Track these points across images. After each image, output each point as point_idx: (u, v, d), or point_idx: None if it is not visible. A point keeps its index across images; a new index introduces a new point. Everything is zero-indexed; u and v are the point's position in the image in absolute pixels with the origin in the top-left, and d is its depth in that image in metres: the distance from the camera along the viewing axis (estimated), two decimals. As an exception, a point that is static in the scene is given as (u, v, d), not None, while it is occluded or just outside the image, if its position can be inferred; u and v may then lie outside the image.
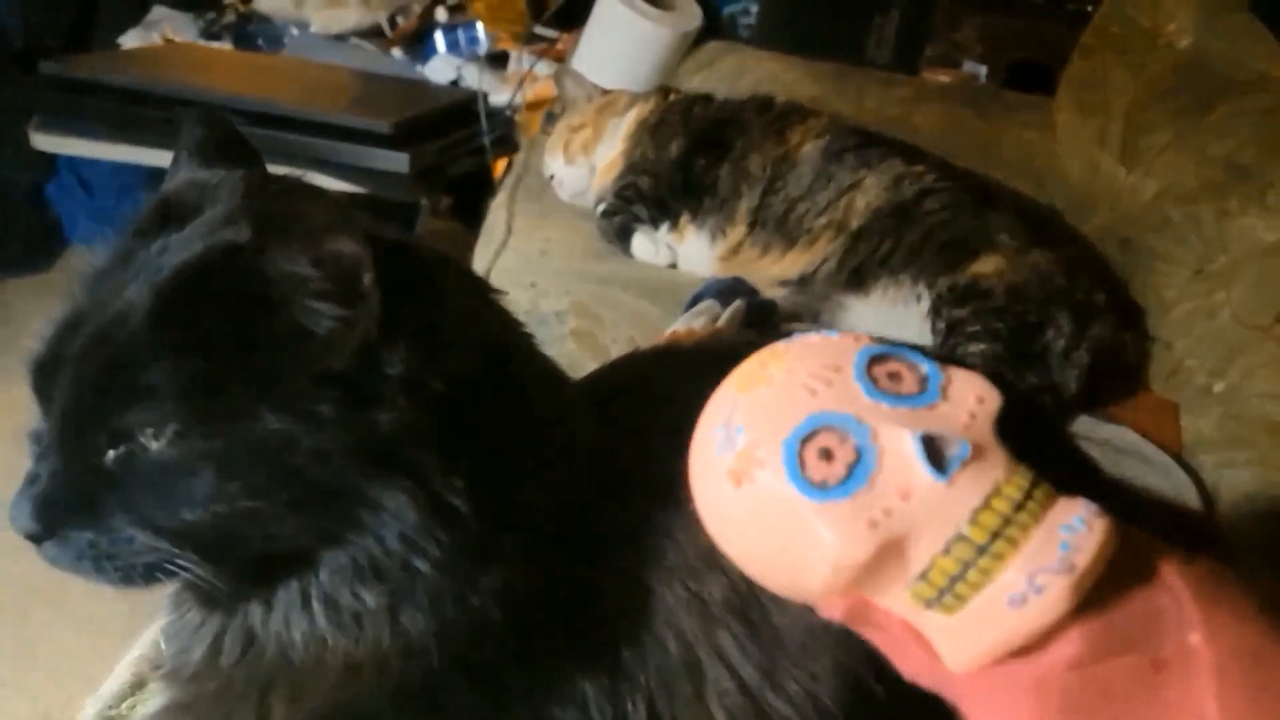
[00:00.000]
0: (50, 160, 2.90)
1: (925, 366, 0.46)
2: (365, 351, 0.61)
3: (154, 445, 0.60)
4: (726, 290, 1.63)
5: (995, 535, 0.42)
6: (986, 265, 1.57)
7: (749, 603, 0.72)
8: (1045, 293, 1.54)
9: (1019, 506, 0.43)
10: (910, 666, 0.46)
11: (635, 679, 0.71)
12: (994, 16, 2.68)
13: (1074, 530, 0.42)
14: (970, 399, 0.45)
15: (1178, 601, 0.44)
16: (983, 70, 2.51)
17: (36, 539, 0.62)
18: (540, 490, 0.68)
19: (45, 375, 0.63)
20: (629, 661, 0.71)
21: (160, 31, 2.60)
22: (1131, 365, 1.66)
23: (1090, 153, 2.01)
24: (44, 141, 2.18)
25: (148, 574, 0.62)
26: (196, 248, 0.62)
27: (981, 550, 0.42)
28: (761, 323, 1.57)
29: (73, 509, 0.61)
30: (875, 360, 0.46)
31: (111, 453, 0.61)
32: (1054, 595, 0.41)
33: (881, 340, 0.48)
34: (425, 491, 0.62)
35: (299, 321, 0.60)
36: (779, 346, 0.47)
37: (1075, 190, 2.02)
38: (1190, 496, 1.35)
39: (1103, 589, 0.43)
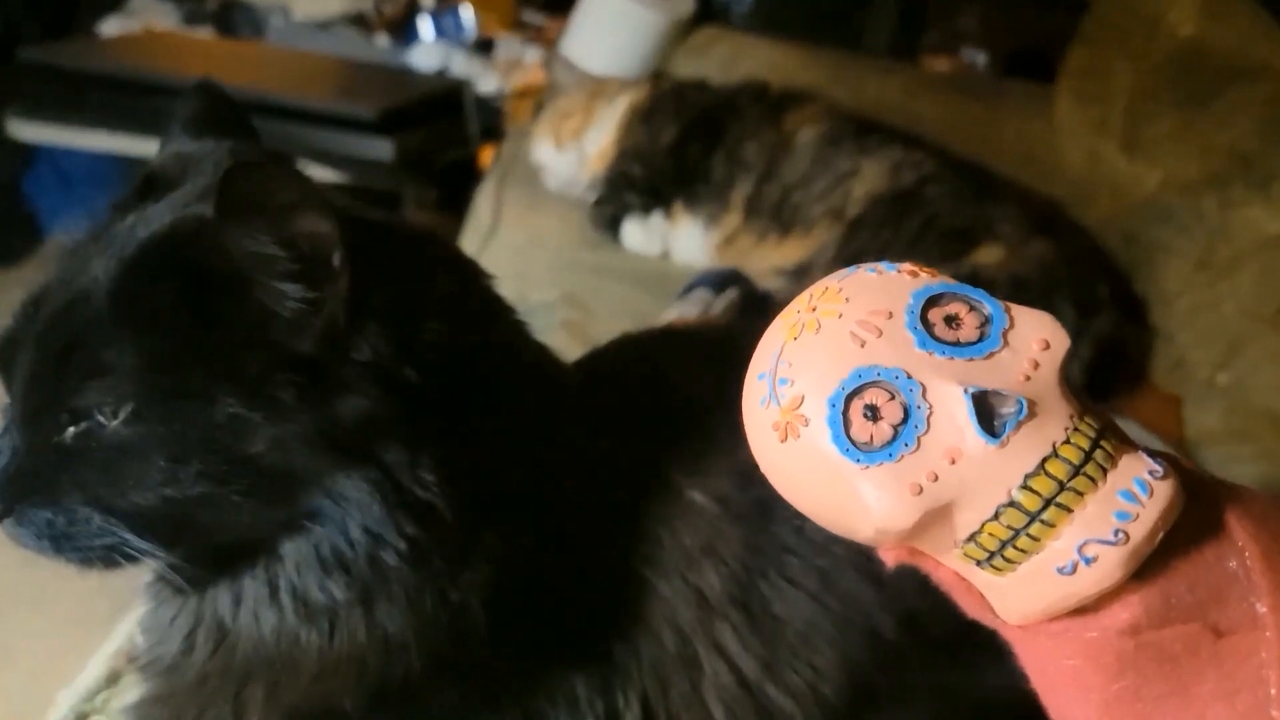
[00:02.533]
0: (27, 152, 2.88)
1: (988, 307, 0.43)
2: (332, 336, 0.59)
3: (111, 424, 0.59)
4: (721, 280, 1.60)
5: (1048, 502, 0.39)
6: (988, 255, 1.55)
7: (749, 592, 0.71)
8: (1047, 284, 1.53)
9: (1075, 470, 0.40)
10: (967, 609, 0.45)
11: (628, 673, 0.70)
12: (994, 4, 2.67)
13: (1133, 497, 0.40)
14: (1034, 345, 0.42)
15: (1245, 565, 0.41)
16: (982, 58, 2.50)
17: None
18: (526, 482, 0.67)
19: (9, 351, 0.62)
20: (621, 656, 0.70)
21: (141, 19, 2.58)
22: (1134, 358, 1.64)
23: (1091, 142, 2.00)
24: (22, 130, 2.16)
25: (106, 557, 0.61)
26: (164, 222, 0.61)
27: (1033, 517, 0.39)
28: (756, 313, 1.54)
29: (32, 487, 0.60)
30: (932, 301, 0.43)
31: (71, 430, 0.60)
32: (1105, 567, 0.39)
33: (941, 276, 0.45)
34: (391, 483, 0.61)
35: (262, 302, 0.59)
36: (832, 284, 0.45)
37: (1076, 180, 2.01)
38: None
39: (1166, 551, 0.41)
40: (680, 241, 1.86)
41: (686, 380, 0.79)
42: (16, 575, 1.85)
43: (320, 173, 1.98)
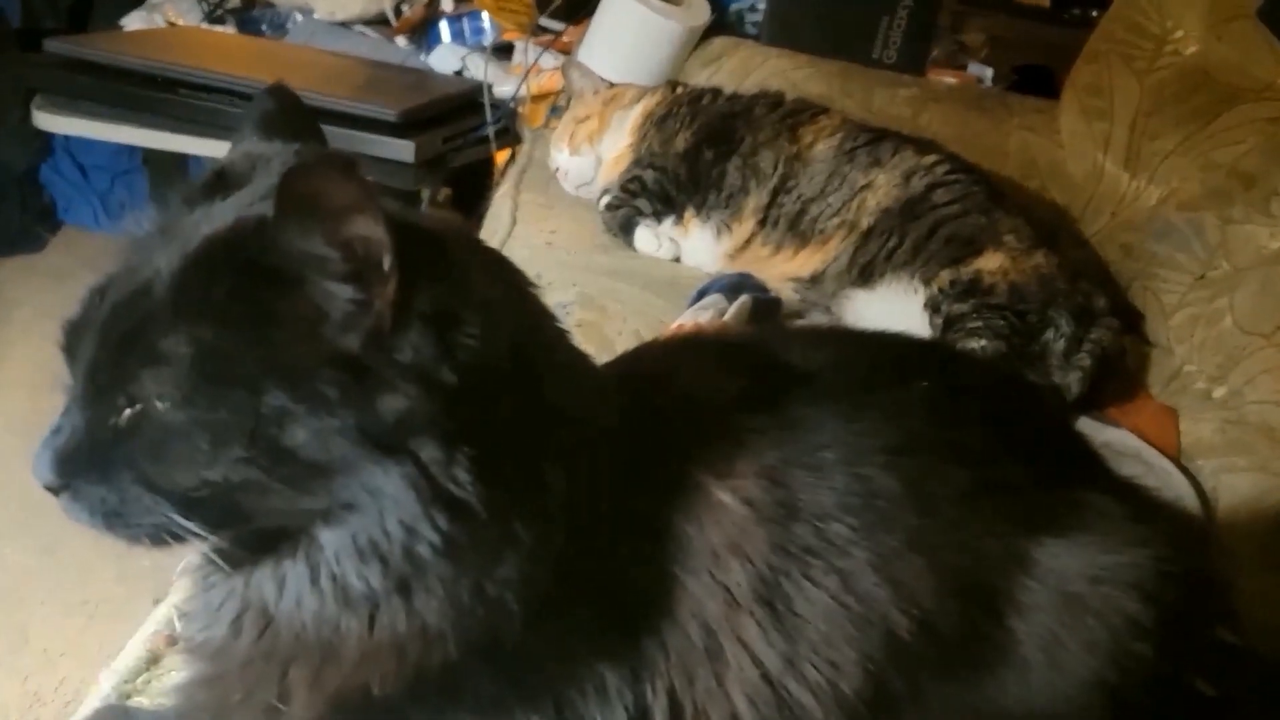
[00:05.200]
0: (46, 142, 2.90)
1: None
2: (378, 336, 0.61)
3: (163, 409, 0.61)
4: (733, 286, 1.63)
5: None
6: (990, 263, 1.57)
7: (774, 591, 0.73)
8: (1046, 295, 1.56)
9: None
10: None
11: (656, 666, 0.71)
12: (1000, 19, 2.69)
13: None
14: None
15: None
16: (989, 72, 2.52)
17: (54, 490, 0.63)
18: (561, 482, 0.68)
19: (74, 337, 0.65)
20: (649, 649, 0.71)
21: (163, 14, 2.59)
22: (1132, 370, 1.67)
23: (1094, 157, 2.02)
24: (47, 120, 2.16)
25: (154, 535, 0.63)
26: (227, 221, 0.63)
27: None
28: (767, 319, 1.58)
29: (88, 464, 0.63)
30: None
31: (127, 413, 0.62)
32: None
33: None
34: (426, 480, 0.62)
35: (314, 301, 0.60)
36: None
37: (1078, 194, 2.03)
38: (1189, 501, 1.36)
39: None
40: (691, 248, 1.89)
41: (712, 385, 0.81)
42: (33, 560, 1.89)
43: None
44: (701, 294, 1.64)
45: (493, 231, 1.92)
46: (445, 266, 0.64)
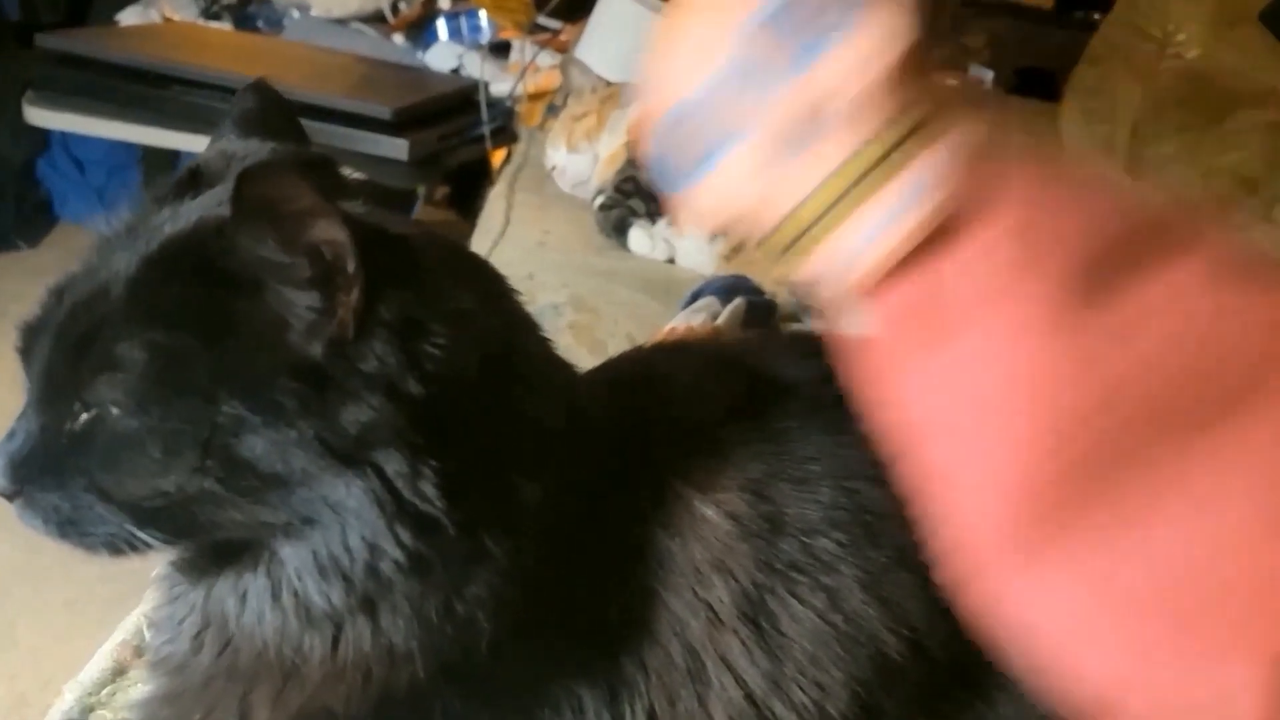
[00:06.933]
0: (43, 136, 2.90)
1: None
2: (340, 345, 0.59)
3: (117, 416, 0.60)
4: (727, 288, 1.61)
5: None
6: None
7: (759, 609, 0.71)
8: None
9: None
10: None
11: (635, 686, 0.70)
12: (1002, 21, 2.67)
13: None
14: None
15: None
16: (989, 75, 2.50)
17: (7, 496, 0.62)
18: (535, 495, 0.66)
19: (31, 339, 0.63)
20: (628, 668, 0.70)
21: (159, 9, 2.58)
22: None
23: (1095, 162, 2.00)
24: (39, 116, 2.14)
25: (110, 544, 0.62)
26: (189, 222, 0.62)
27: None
28: (761, 322, 1.56)
29: (42, 470, 0.61)
30: None
31: (81, 419, 0.61)
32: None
33: None
34: (390, 494, 0.60)
35: (273, 307, 0.59)
36: None
37: (1079, 199, 2.02)
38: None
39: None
40: (686, 249, 1.87)
41: (697, 395, 0.79)
42: (19, 558, 1.88)
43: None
44: (696, 296, 1.62)
45: (486, 231, 1.91)
46: (413, 273, 0.62)
